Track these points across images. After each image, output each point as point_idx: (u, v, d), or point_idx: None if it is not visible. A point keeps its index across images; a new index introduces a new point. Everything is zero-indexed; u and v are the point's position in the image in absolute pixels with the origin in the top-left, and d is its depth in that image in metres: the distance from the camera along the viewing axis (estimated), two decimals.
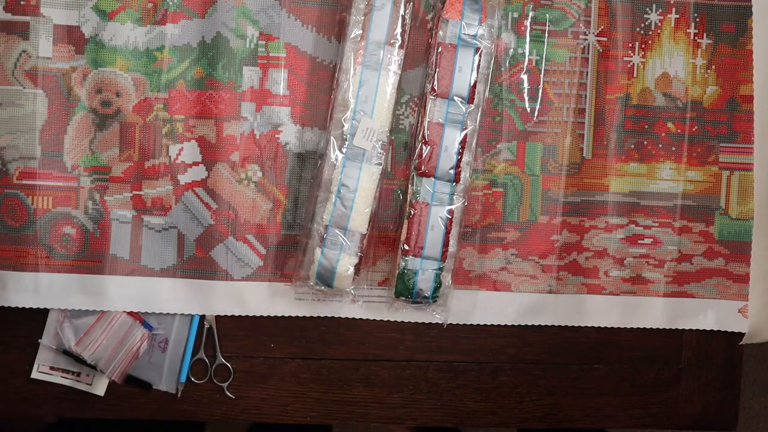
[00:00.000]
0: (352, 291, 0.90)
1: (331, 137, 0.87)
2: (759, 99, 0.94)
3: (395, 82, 0.87)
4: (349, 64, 0.87)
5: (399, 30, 0.87)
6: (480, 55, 0.89)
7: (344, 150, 0.87)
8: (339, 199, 0.87)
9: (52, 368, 0.92)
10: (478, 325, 0.95)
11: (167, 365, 0.93)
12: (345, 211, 0.87)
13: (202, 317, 0.93)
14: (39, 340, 0.91)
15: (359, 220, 0.87)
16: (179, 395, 0.93)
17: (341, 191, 0.87)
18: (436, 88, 0.88)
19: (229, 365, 0.94)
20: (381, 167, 0.88)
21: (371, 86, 0.87)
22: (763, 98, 0.94)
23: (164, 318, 0.92)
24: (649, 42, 0.94)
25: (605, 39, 0.93)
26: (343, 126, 0.87)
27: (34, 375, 0.91)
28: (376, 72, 0.87)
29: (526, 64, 0.93)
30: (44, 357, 0.91)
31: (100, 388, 0.92)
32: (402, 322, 0.94)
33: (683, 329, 0.97)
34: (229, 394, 0.94)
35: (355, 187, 0.87)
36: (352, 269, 0.88)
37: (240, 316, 0.93)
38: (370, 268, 0.93)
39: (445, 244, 0.89)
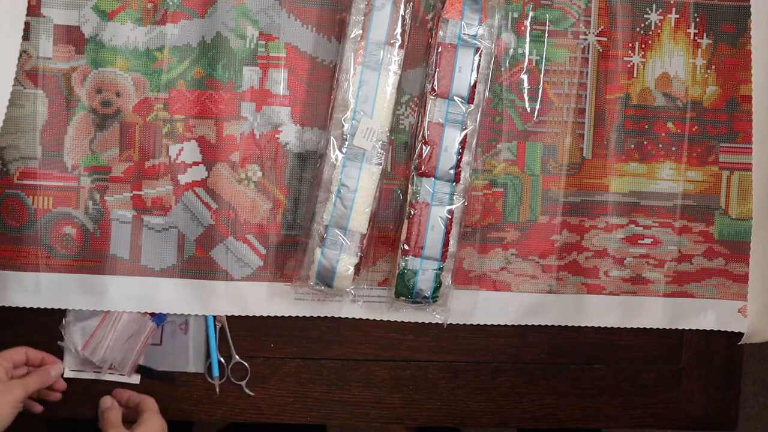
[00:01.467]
0: (352, 291, 0.90)
1: (331, 137, 0.87)
2: (757, 99, 0.94)
3: (395, 82, 0.87)
4: (349, 64, 0.87)
5: (399, 30, 0.87)
6: (480, 55, 0.89)
7: (344, 150, 0.87)
8: (339, 199, 0.87)
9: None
10: (478, 325, 0.95)
11: (192, 346, 0.93)
12: (345, 211, 0.87)
13: (214, 318, 0.93)
14: (59, 343, 0.91)
15: (359, 220, 0.87)
16: (218, 392, 0.93)
17: (341, 191, 0.87)
18: (436, 88, 0.88)
19: (245, 363, 0.93)
20: (381, 167, 0.88)
21: (371, 86, 0.87)
22: (761, 98, 0.94)
23: None
24: (649, 42, 0.94)
25: (605, 39, 0.93)
26: (343, 126, 0.87)
27: (68, 374, 0.92)
28: (376, 72, 0.87)
29: (526, 64, 0.93)
30: (70, 361, 0.92)
31: (135, 377, 0.93)
32: (402, 322, 0.94)
33: (683, 329, 0.97)
34: (248, 391, 0.94)
35: (355, 187, 0.87)
36: (352, 269, 0.88)
37: (240, 316, 0.93)
38: (370, 268, 0.93)
39: (445, 244, 0.89)
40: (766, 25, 0.94)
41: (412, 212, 0.89)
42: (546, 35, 0.93)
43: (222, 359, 0.93)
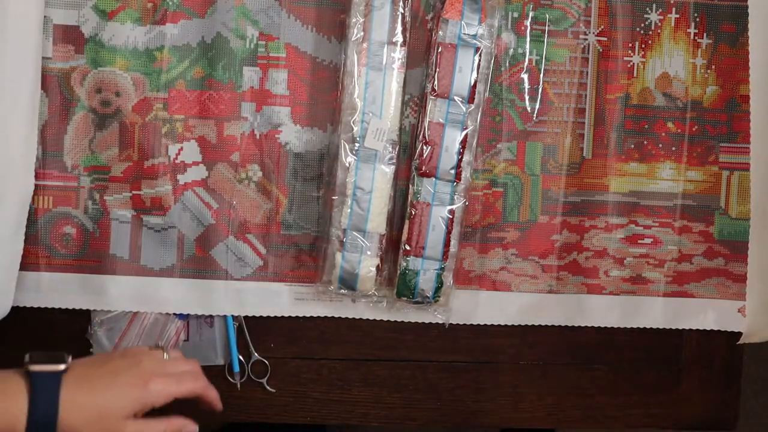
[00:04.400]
0: (376, 293, 0.90)
1: (342, 141, 0.87)
2: (755, 99, 0.94)
3: (400, 81, 0.87)
4: (354, 66, 0.86)
5: (400, 28, 0.87)
6: (480, 55, 0.89)
7: (356, 152, 0.87)
8: (355, 201, 0.87)
9: None
10: (479, 325, 0.95)
11: (218, 338, 0.92)
12: (362, 213, 0.87)
13: (233, 317, 0.92)
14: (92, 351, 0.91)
15: (377, 221, 0.87)
16: (239, 387, 0.93)
17: (357, 194, 0.87)
18: (436, 88, 0.88)
19: (266, 361, 0.93)
20: (394, 166, 0.88)
21: (377, 87, 0.86)
22: (759, 98, 0.94)
23: None
24: (649, 42, 0.94)
25: (605, 39, 0.93)
26: (352, 129, 0.87)
27: None
28: (381, 72, 0.87)
29: (526, 64, 0.93)
30: None
31: None
32: (402, 322, 0.94)
33: (683, 329, 0.97)
34: (269, 388, 0.94)
35: (371, 188, 0.87)
36: (374, 270, 0.88)
37: (240, 316, 0.93)
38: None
39: (447, 244, 0.89)
40: (763, 25, 0.94)
41: (413, 212, 0.89)
42: (546, 35, 0.93)
43: (242, 359, 0.93)
